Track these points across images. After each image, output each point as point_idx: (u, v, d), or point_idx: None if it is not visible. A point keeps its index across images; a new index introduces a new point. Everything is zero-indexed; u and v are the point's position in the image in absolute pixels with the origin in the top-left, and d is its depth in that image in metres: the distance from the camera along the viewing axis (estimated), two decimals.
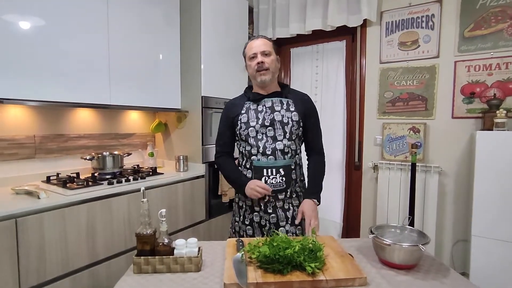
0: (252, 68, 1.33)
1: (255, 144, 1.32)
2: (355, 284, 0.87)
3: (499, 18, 1.94)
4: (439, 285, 0.89)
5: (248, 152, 1.34)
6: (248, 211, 1.38)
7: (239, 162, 1.43)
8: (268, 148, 1.30)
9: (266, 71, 1.31)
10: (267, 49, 1.32)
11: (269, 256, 0.90)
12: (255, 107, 1.36)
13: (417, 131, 2.23)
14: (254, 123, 1.32)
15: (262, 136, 1.32)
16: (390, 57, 2.33)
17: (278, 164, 1.30)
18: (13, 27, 1.42)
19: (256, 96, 1.37)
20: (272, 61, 1.33)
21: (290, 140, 1.32)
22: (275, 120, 1.32)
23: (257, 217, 1.35)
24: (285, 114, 1.33)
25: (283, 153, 1.30)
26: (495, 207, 1.72)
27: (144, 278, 0.94)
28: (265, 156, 1.30)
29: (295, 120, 1.33)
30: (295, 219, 1.32)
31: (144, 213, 1.00)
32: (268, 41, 1.36)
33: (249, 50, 1.35)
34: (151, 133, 2.47)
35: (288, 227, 1.33)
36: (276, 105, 1.34)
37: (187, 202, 2.06)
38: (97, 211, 1.53)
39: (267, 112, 1.33)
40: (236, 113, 1.37)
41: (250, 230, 1.37)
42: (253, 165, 1.32)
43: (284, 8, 2.70)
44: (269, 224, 1.34)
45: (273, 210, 1.33)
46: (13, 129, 1.68)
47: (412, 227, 1.12)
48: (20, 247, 1.25)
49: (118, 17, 1.84)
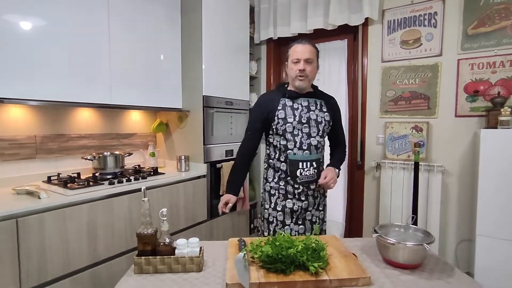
0: (293, 71, 1.44)
1: (292, 139, 1.44)
2: (359, 284, 0.86)
3: (503, 15, 1.92)
4: (444, 285, 0.88)
5: (283, 146, 1.45)
6: (280, 198, 1.51)
7: (270, 155, 1.54)
8: (304, 143, 1.44)
9: (305, 78, 1.43)
10: (311, 56, 1.42)
11: (271, 256, 0.89)
12: (291, 104, 1.46)
13: (419, 130, 2.22)
14: (292, 120, 1.44)
15: (298, 132, 1.44)
16: (392, 56, 2.32)
17: (312, 158, 1.45)
18: (14, 27, 1.42)
19: (292, 93, 1.48)
20: (312, 70, 1.44)
21: (322, 137, 1.49)
22: (311, 119, 1.46)
23: (290, 203, 1.49)
24: (319, 114, 1.48)
25: (316, 148, 1.46)
26: (500, 206, 1.70)
27: (145, 278, 0.93)
28: (301, 150, 1.44)
29: (327, 120, 1.49)
30: (319, 205, 1.57)
31: (145, 213, 0.99)
32: (314, 49, 1.46)
33: (294, 53, 1.44)
34: (152, 133, 2.46)
35: (314, 211, 1.55)
36: (311, 105, 1.48)
37: (189, 202, 2.05)
38: (98, 211, 1.52)
39: (304, 111, 1.46)
40: (273, 108, 1.47)
41: (281, 216, 1.50)
42: (289, 159, 1.45)
43: (285, 7, 2.68)
44: (301, 209, 1.50)
45: (305, 198, 1.50)
46: (13, 129, 1.68)
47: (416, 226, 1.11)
48: (20, 247, 1.24)
49: (119, 16, 1.84)
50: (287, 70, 1.50)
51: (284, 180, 1.49)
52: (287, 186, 1.49)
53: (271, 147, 1.54)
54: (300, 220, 1.52)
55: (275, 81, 2.94)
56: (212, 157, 2.24)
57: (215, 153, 2.27)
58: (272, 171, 1.54)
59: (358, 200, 2.53)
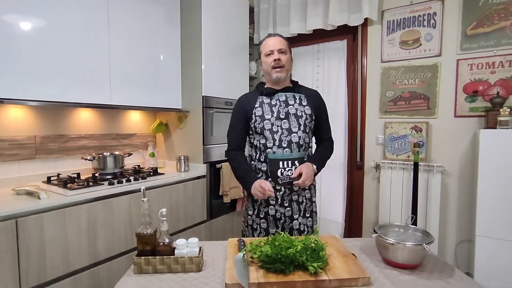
0: (268, 64, 1.38)
1: (270, 137, 1.35)
2: (359, 284, 0.86)
3: (502, 16, 1.92)
4: (444, 285, 0.88)
5: (263, 145, 1.37)
6: (263, 205, 1.40)
7: (252, 156, 1.46)
8: (284, 140, 1.34)
9: (282, 68, 1.36)
10: (283, 47, 1.37)
11: (271, 256, 0.89)
12: (269, 101, 1.40)
13: (419, 130, 2.22)
14: (269, 116, 1.37)
15: (277, 129, 1.36)
16: (392, 56, 2.32)
17: (293, 156, 1.34)
18: (14, 27, 1.42)
19: (269, 90, 1.41)
20: (287, 59, 1.38)
21: (304, 132, 1.37)
22: (290, 113, 1.37)
23: (273, 210, 1.38)
24: (298, 107, 1.39)
25: (298, 145, 1.35)
26: (500, 206, 1.70)
27: (145, 278, 0.93)
28: (281, 148, 1.34)
29: (308, 113, 1.39)
30: (306, 211, 1.41)
31: (145, 213, 0.99)
32: (284, 39, 1.40)
33: (266, 47, 1.39)
34: (152, 133, 2.47)
35: (300, 219, 1.40)
36: (289, 99, 1.40)
37: (188, 202, 2.05)
38: (98, 212, 1.52)
39: (282, 106, 1.38)
40: (250, 107, 1.41)
41: (265, 223, 1.40)
42: (268, 158, 1.36)
43: (284, 7, 2.69)
44: (284, 217, 1.38)
45: (289, 204, 1.38)
46: (13, 129, 1.68)
47: (416, 227, 1.11)
48: (20, 247, 1.24)
49: (119, 17, 1.84)
50: (262, 66, 1.44)
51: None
52: None
53: (252, 148, 1.46)
54: (287, 230, 1.38)
55: None
56: (211, 157, 2.24)
57: (214, 153, 2.27)
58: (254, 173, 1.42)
59: (358, 200, 2.54)
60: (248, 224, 1.46)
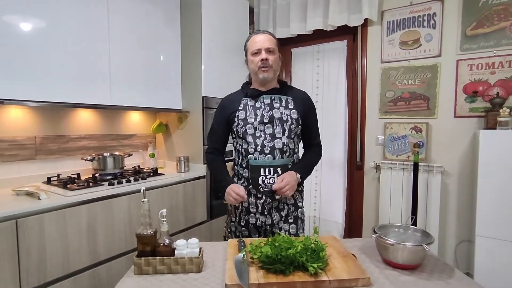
0: (254, 63, 1.30)
1: (252, 142, 1.28)
2: (359, 284, 0.86)
3: (502, 16, 1.92)
4: (444, 285, 0.88)
5: (244, 150, 1.30)
6: (244, 212, 1.34)
7: (235, 161, 1.39)
8: (266, 146, 1.27)
9: (269, 68, 1.28)
10: (271, 46, 1.29)
11: (271, 257, 0.89)
12: (253, 103, 1.32)
13: (419, 130, 2.22)
14: (252, 120, 1.29)
15: (260, 134, 1.28)
16: (392, 57, 2.32)
17: (275, 163, 1.27)
18: (14, 28, 1.42)
19: (254, 92, 1.34)
20: (275, 59, 1.31)
21: (289, 138, 1.29)
22: (274, 117, 1.29)
23: (253, 218, 1.32)
24: (284, 111, 1.30)
25: (281, 152, 1.27)
26: (500, 206, 1.70)
27: (145, 279, 0.93)
28: (262, 154, 1.27)
29: (294, 118, 1.30)
30: (289, 216, 1.33)
31: (145, 214, 0.99)
32: (273, 37, 1.32)
33: (253, 44, 1.31)
34: (152, 133, 2.47)
35: (281, 224, 1.33)
36: (275, 102, 1.31)
37: (188, 202, 2.05)
38: (98, 212, 1.52)
39: (266, 109, 1.30)
40: (233, 109, 1.34)
41: (246, 231, 1.35)
42: (250, 164, 1.29)
43: (284, 8, 2.69)
44: (265, 225, 1.32)
45: (269, 212, 1.31)
46: (13, 130, 1.68)
47: (416, 227, 1.11)
48: (20, 248, 1.24)
49: (119, 18, 1.84)
50: (248, 65, 1.35)
51: (247, 190, 1.29)
52: (249, 197, 1.30)
53: (235, 152, 1.39)
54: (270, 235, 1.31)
55: None
56: None
57: None
58: (236, 179, 1.37)
59: (358, 201, 2.54)
60: (231, 231, 1.41)
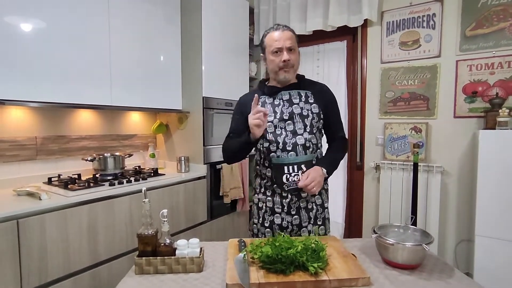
0: (275, 64, 1.22)
1: (274, 140, 1.23)
2: (359, 284, 0.86)
3: (501, 17, 1.93)
4: (443, 285, 0.88)
5: (266, 149, 1.25)
6: (268, 213, 1.29)
7: (257, 160, 1.35)
8: (288, 143, 1.21)
9: (291, 68, 1.23)
10: (292, 44, 1.21)
11: (271, 256, 0.89)
12: (271, 101, 1.27)
13: (419, 130, 2.23)
14: (272, 118, 1.24)
15: (281, 131, 1.23)
16: (391, 57, 2.33)
17: (299, 160, 1.21)
18: (14, 29, 1.43)
19: (272, 89, 1.28)
20: (296, 58, 1.24)
21: (311, 133, 1.24)
22: (294, 113, 1.24)
23: (278, 219, 1.27)
24: (304, 106, 1.25)
25: (304, 148, 1.22)
26: (499, 206, 1.70)
27: (146, 279, 0.93)
28: (285, 152, 1.21)
29: (315, 112, 1.25)
30: (318, 218, 1.29)
31: (146, 214, 0.99)
32: (293, 33, 1.24)
33: (272, 42, 1.21)
34: (152, 134, 2.47)
35: (310, 227, 1.27)
36: (294, 98, 1.26)
37: (189, 203, 2.05)
38: (99, 212, 1.53)
39: (285, 105, 1.25)
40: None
41: (270, 233, 1.28)
42: (272, 163, 1.24)
43: (284, 8, 2.70)
44: (291, 226, 1.26)
45: (296, 211, 1.25)
46: (14, 130, 1.69)
47: (415, 227, 1.11)
48: (21, 248, 1.25)
49: (119, 18, 1.85)
50: (267, 63, 1.28)
51: (271, 189, 1.28)
52: (274, 196, 1.27)
53: (257, 152, 1.34)
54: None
55: None
56: (212, 158, 2.24)
57: (214, 154, 2.27)
58: (259, 179, 1.34)
59: (358, 201, 2.54)
60: (254, 233, 1.35)
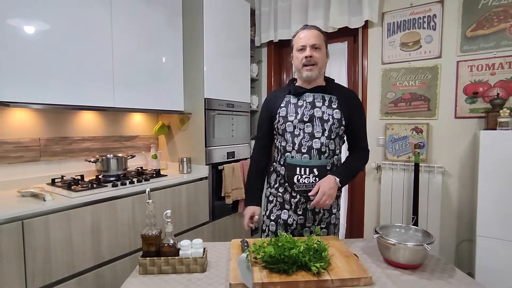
0: (298, 60, 1.25)
1: (290, 140, 1.26)
2: (361, 284, 0.87)
3: (502, 18, 1.93)
4: (445, 285, 0.89)
5: (283, 148, 1.29)
6: (277, 207, 1.34)
7: (274, 157, 1.39)
8: (304, 146, 1.23)
9: (314, 66, 1.23)
10: (317, 42, 1.23)
11: (274, 256, 0.90)
12: (296, 101, 1.29)
13: (420, 131, 2.23)
14: (293, 118, 1.26)
15: (299, 132, 1.25)
16: (392, 58, 2.33)
17: (312, 163, 1.23)
18: (18, 31, 1.44)
19: (297, 89, 1.30)
20: (321, 56, 1.25)
21: (328, 138, 1.24)
22: (315, 116, 1.24)
23: (285, 215, 1.31)
24: (326, 110, 1.25)
25: (319, 152, 1.23)
26: (500, 206, 1.71)
27: (150, 279, 0.94)
28: (299, 153, 1.24)
29: (337, 118, 1.25)
30: (322, 222, 1.31)
31: (150, 214, 1.01)
32: (321, 33, 1.27)
33: (298, 40, 1.26)
34: (155, 135, 2.48)
35: (313, 228, 1.31)
36: (317, 101, 1.27)
37: (191, 203, 2.06)
38: (102, 213, 1.54)
39: (307, 107, 1.26)
40: (276, 105, 1.32)
41: (274, 226, 1.33)
42: (286, 162, 1.27)
43: (285, 10, 2.71)
44: (296, 224, 1.30)
45: (303, 212, 1.29)
46: (18, 132, 1.70)
47: (417, 227, 1.12)
48: (26, 248, 1.26)
49: (122, 21, 1.86)
50: (293, 61, 1.31)
51: (283, 187, 1.31)
52: (285, 193, 1.31)
53: (275, 149, 1.38)
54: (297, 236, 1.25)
55: (275, 83, 2.96)
56: (213, 159, 2.26)
57: (216, 155, 2.28)
58: (275, 175, 1.37)
59: (359, 201, 2.55)
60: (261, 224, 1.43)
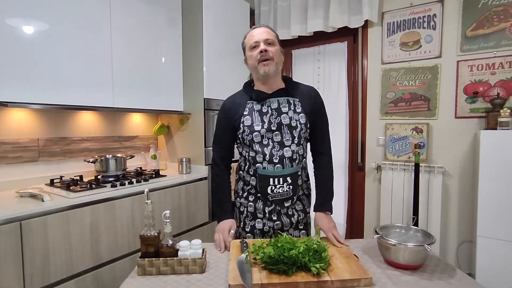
0: (253, 58, 1.17)
1: (260, 151, 1.19)
2: (361, 284, 0.86)
3: (502, 17, 1.93)
4: (445, 285, 0.88)
5: (252, 159, 1.22)
6: (249, 217, 1.27)
7: (241, 166, 1.32)
8: (276, 156, 1.18)
9: (270, 61, 1.15)
10: (270, 37, 1.18)
11: (273, 257, 0.90)
12: (259, 108, 1.21)
13: (420, 131, 2.23)
14: (259, 128, 1.19)
15: (268, 142, 1.19)
16: (392, 58, 2.33)
17: (285, 172, 1.19)
18: (16, 31, 1.44)
19: (260, 95, 1.22)
20: (276, 51, 1.18)
21: (298, 145, 1.21)
22: (283, 124, 1.19)
23: (260, 223, 1.25)
24: (293, 116, 1.20)
25: (291, 160, 1.19)
26: (500, 207, 1.70)
27: (149, 280, 0.93)
28: (271, 164, 1.18)
29: (303, 123, 1.21)
30: (299, 223, 1.28)
31: (148, 215, 1.00)
32: (271, 30, 1.22)
33: (250, 39, 1.19)
34: (154, 135, 2.48)
35: (292, 231, 1.28)
36: (283, 106, 1.20)
37: (190, 204, 2.06)
38: (101, 214, 1.53)
39: (273, 115, 1.20)
40: (238, 114, 1.22)
41: (251, 236, 1.27)
42: (258, 173, 1.21)
43: (285, 9, 2.70)
44: (273, 230, 1.25)
45: (278, 217, 1.24)
46: (17, 132, 1.69)
47: (417, 227, 1.11)
48: (24, 249, 1.25)
49: (121, 20, 1.86)
50: (247, 63, 1.23)
51: (254, 195, 1.25)
52: (256, 202, 1.24)
53: (241, 157, 1.30)
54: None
55: None
56: None
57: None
58: (242, 184, 1.30)
59: (359, 202, 2.54)
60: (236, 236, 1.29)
